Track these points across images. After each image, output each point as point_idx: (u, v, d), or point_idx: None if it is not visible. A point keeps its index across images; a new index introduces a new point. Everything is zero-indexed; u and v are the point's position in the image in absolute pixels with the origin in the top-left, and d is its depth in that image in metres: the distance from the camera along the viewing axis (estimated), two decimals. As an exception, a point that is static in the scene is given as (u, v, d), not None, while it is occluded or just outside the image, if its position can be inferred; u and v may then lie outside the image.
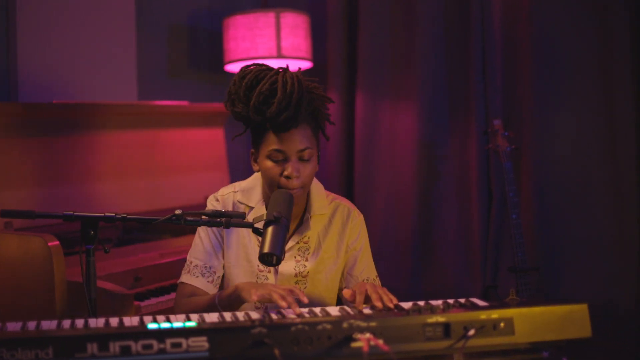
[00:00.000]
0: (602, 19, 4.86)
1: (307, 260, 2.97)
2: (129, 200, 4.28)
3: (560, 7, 4.95)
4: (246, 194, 3.00)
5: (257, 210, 2.94)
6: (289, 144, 2.79)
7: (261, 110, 2.77)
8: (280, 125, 2.77)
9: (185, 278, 2.97)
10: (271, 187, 2.85)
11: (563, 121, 4.96)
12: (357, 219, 3.07)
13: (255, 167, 2.93)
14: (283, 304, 2.39)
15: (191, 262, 2.98)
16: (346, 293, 2.66)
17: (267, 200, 2.95)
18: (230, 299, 2.68)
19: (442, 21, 5.27)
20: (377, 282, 3.06)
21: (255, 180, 3.03)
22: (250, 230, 2.92)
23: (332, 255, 3.00)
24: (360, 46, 5.45)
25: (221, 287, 3.02)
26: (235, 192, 3.01)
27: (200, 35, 5.54)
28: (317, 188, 3.02)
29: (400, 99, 5.36)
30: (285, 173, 2.80)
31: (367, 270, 3.05)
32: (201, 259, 2.96)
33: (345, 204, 3.07)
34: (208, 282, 2.95)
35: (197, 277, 2.95)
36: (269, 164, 2.83)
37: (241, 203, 2.98)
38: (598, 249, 4.90)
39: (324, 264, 2.99)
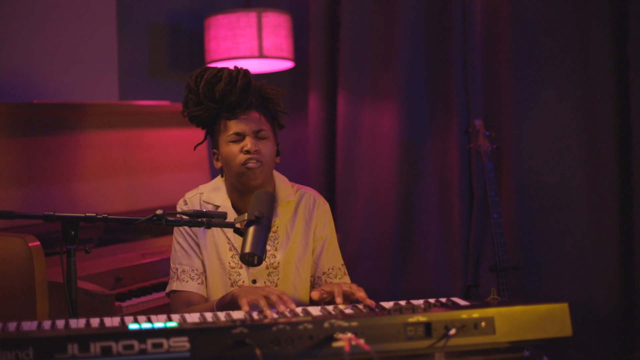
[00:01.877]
0: (581, 20, 4.89)
1: (276, 250, 2.98)
2: (110, 200, 4.27)
3: (540, 8, 4.98)
4: (211, 193, 3.05)
5: (224, 208, 2.99)
6: (244, 124, 2.93)
7: (211, 96, 2.91)
8: (231, 107, 2.92)
9: (176, 285, 2.97)
10: (234, 171, 2.93)
11: (543, 121, 4.98)
12: (323, 207, 3.09)
13: (218, 164, 3.04)
14: (268, 312, 2.39)
15: (177, 269, 2.98)
16: (314, 295, 2.66)
17: (232, 196, 3.01)
18: (228, 306, 2.68)
19: (423, 21, 5.28)
20: (343, 270, 3.09)
21: (218, 181, 3.08)
22: (219, 229, 2.95)
23: (301, 244, 3.02)
24: (341, 46, 5.45)
25: None
26: (201, 193, 3.07)
27: (181, 35, 5.53)
28: (281, 178, 3.09)
29: (382, 99, 5.37)
30: (245, 148, 2.90)
31: (332, 259, 3.07)
32: (186, 264, 2.97)
33: (310, 192, 3.10)
34: (199, 284, 2.96)
35: (188, 282, 2.96)
36: (229, 147, 2.93)
37: (207, 203, 3.02)
38: (578, 248, 4.92)
39: (293, 254, 3.01)
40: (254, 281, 2.96)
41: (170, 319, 2.24)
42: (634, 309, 4.79)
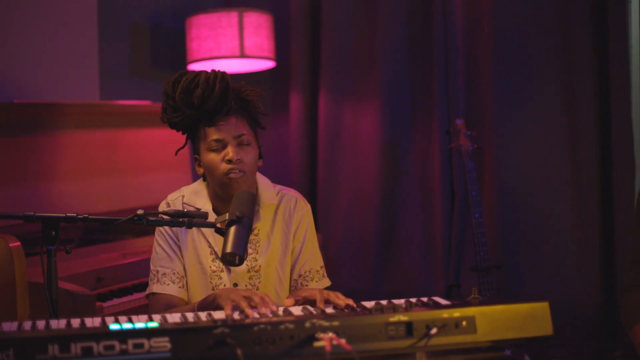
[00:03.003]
0: (563, 19, 4.91)
1: (257, 253, 2.97)
2: (91, 201, 4.25)
3: (521, 7, 5.00)
4: (193, 196, 3.02)
5: (205, 211, 2.95)
6: (225, 131, 2.88)
7: (189, 103, 2.86)
8: (211, 113, 2.87)
9: (156, 288, 2.95)
10: (217, 180, 2.90)
11: (524, 121, 5.00)
12: (304, 209, 3.07)
13: (200, 170, 2.99)
14: (249, 312, 2.38)
15: (158, 271, 2.96)
16: (288, 302, 2.66)
17: (214, 200, 2.99)
18: (210, 308, 2.67)
19: (405, 22, 5.29)
20: (322, 272, 3.07)
21: (200, 185, 3.05)
22: (200, 231, 2.94)
23: (281, 246, 3.01)
24: (323, 46, 5.45)
25: None
26: (183, 195, 3.04)
27: (162, 34, 5.52)
28: (264, 180, 3.06)
29: (363, 99, 5.37)
30: (227, 157, 2.86)
31: (310, 261, 3.05)
32: (167, 266, 2.96)
33: (291, 194, 3.08)
34: (179, 287, 2.95)
35: (168, 285, 2.94)
36: (210, 155, 2.90)
37: (189, 205, 2.99)
38: (560, 248, 4.94)
39: (274, 256, 2.99)
40: (235, 284, 2.95)
41: (151, 319, 2.24)
42: (615, 308, 4.81)
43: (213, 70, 2.92)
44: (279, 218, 3.03)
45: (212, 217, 2.89)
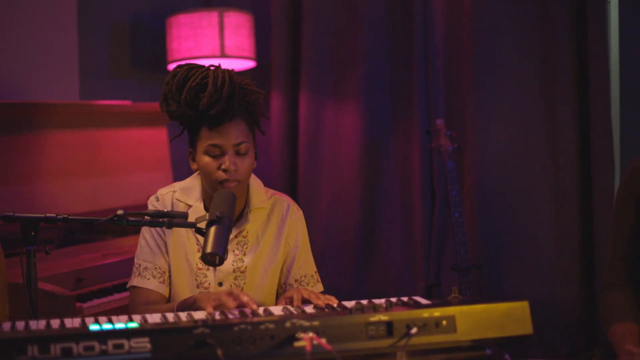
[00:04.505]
0: (543, 20, 4.94)
1: (245, 254, 2.97)
2: (71, 201, 4.24)
3: (501, 9, 5.01)
4: (185, 192, 3.00)
5: (196, 209, 2.95)
6: (225, 138, 2.82)
7: (193, 105, 2.80)
8: (214, 119, 2.80)
9: (137, 281, 2.95)
10: (210, 183, 2.87)
11: (505, 120, 5.02)
12: (296, 215, 3.07)
13: (194, 165, 2.95)
14: (231, 304, 2.39)
15: (140, 265, 2.96)
16: (279, 304, 2.68)
17: (206, 198, 2.97)
18: (189, 310, 2.66)
19: (386, 22, 5.30)
20: (316, 277, 3.07)
21: (194, 180, 3.03)
22: (189, 230, 2.93)
23: (271, 250, 3.01)
24: (303, 46, 5.45)
25: None
26: (174, 191, 3.01)
27: (143, 34, 5.50)
28: (256, 183, 3.04)
29: (344, 99, 5.38)
30: (223, 167, 2.82)
31: (305, 267, 3.05)
32: (150, 261, 2.95)
33: (284, 199, 3.08)
34: (160, 282, 2.94)
35: (149, 279, 2.94)
36: (206, 159, 2.85)
37: (180, 201, 2.98)
38: (540, 247, 4.96)
39: (262, 259, 2.99)
40: (220, 284, 2.95)
41: (131, 320, 2.24)
42: (594, 307, 4.83)
43: (221, 72, 2.84)
44: (271, 222, 3.02)
45: (202, 214, 2.87)
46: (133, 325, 2.13)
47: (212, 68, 2.86)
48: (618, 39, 5.00)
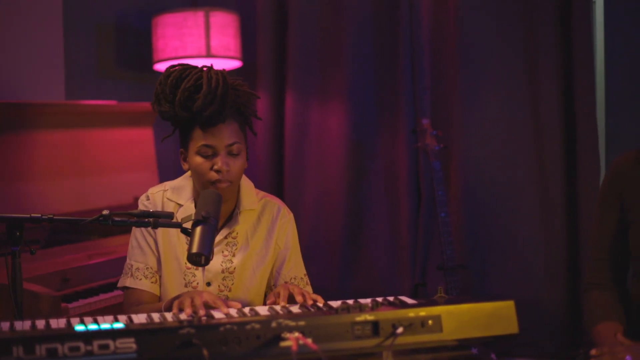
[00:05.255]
0: (528, 21, 4.95)
1: (234, 255, 2.96)
2: (57, 201, 4.22)
3: (487, 9, 5.03)
4: (176, 191, 3.00)
5: (186, 208, 2.94)
6: (217, 138, 2.81)
7: (187, 107, 2.79)
8: (207, 120, 2.79)
9: (129, 282, 2.95)
10: (202, 184, 2.86)
11: (491, 120, 5.03)
12: (287, 217, 3.07)
13: (185, 166, 2.94)
14: (202, 312, 2.39)
15: (132, 265, 2.96)
16: (268, 300, 2.68)
17: (197, 198, 2.94)
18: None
19: (371, 21, 5.31)
20: (306, 279, 3.07)
21: (185, 180, 3.02)
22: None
23: (260, 252, 3.00)
24: (289, 46, 5.45)
25: None
26: (165, 190, 3.01)
27: (128, 34, 5.49)
28: (247, 184, 3.03)
29: (330, 98, 5.38)
30: (215, 167, 2.81)
31: (295, 269, 3.05)
32: (141, 261, 2.95)
33: (275, 201, 3.08)
34: (152, 282, 2.94)
35: (141, 279, 2.94)
36: (198, 160, 2.84)
37: (170, 200, 2.98)
38: (525, 247, 4.98)
39: (251, 260, 2.99)
40: (209, 284, 2.95)
41: (117, 320, 2.23)
42: (580, 307, 4.84)
43: (215, 73, 2.84)
44: (262, 224, 3.02)
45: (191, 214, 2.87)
46: (118, 325, 2.13)
47: (205, 69, 2.86)
48: (603, 38, 5.01)
